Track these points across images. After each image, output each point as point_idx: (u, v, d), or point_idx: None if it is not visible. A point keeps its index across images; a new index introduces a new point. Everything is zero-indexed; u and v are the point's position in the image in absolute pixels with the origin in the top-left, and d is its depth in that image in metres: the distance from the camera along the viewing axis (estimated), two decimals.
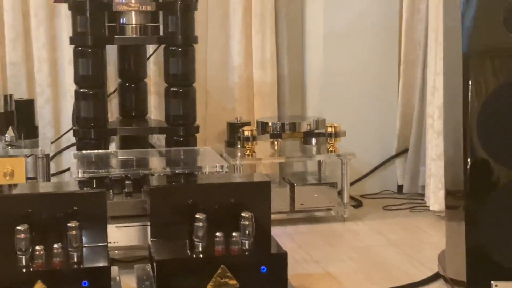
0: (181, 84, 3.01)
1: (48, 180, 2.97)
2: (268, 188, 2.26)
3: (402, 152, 3.62)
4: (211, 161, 2.65)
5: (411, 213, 3.30)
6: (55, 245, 1.95)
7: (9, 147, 2.90)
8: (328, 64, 3.55)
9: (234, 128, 3.24)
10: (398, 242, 2.86)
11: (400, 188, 3.64)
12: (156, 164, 2.78)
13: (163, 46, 3.06)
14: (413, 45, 3.55)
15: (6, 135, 2.91)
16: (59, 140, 3.46)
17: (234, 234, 2.07)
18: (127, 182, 2.60)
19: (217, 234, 2.06)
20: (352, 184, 3.41)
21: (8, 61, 3.39)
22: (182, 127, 3.02)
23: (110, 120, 3.13)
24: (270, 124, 3.21)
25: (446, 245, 2.30)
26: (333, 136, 3.18)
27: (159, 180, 2.44)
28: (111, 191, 2.59)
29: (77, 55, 2.92)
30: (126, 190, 2.59)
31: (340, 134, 3.20)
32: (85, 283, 1.90)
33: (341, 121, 3.26)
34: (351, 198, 3.36)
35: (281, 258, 2.07)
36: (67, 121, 3.45)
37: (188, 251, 2.09)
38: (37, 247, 1.92)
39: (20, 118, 3.04)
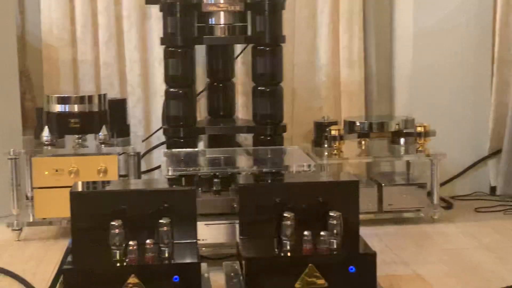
0: (268, 83, 3.02)
1: (139, 177, 3.04)
2: (357, 187, 2.23)
3: (496, 152, 3.52)
4: (298, 160, 2.65)
5: (505, 216, 3.20)
6: (147, 241, 1.99)
7: (102, 145, 2.99)
8: (417, 62, 3.48)
9: (321, 128, 3.23)
10: (491, 245, 2.77)
11: (493, 189, 3.54)
12: (244, 162, 2.80)
13: (250, 45, 3.09)
14: (507, 43, 3.44)
15: (100, 134, 3.00)
16: (149, 138, 3.55)
17: (322, 233, 2.06)
18: (215, 180, 2.63)
19: (305, 233, 2.05)
20: (442, 185, 3.34)
21: (102, 62, 3.50)
22: (269, 126, 3.03)
23: (198, 119, 3.18)
24: (357, 123, 3.17)
25: None
26: (423, 136, 3.12)
27: (247, 178, 2.46)
28: (199, 189, 2.63)
29: (167, 55, 2.98)
30: (214, 188, 2.62)
31: (430, 133, 3.13)
32: (176, 278, 1.94)
33: (431, 120, 3.19)
34: (441, 199, 3.28)
35: (370, 258, 2.04)
36: (157, 120, 3.53)
37: (276, 250, 2.09)
38: (131, 242, 1.97)
39: (113, 117, 3.12)
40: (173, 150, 2.90)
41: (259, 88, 3.03)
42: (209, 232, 2.52)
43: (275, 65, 3.00)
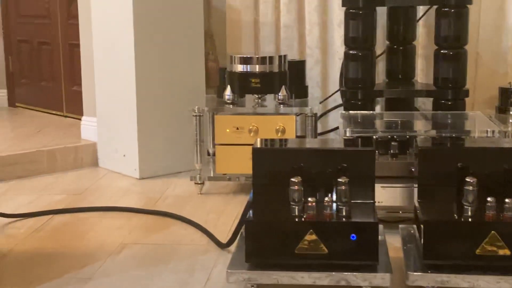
0: (452, 46, 2.92)
1: (315, 138, 3.07)
2: None
3: None
4: (480, 125, 2.56)
5: None
6: (326, 198, 2.01)
7: (281, 105, 3.06)
8: None
9: (506, 94, 3.07)
10: None
11: None
12: (422, 126, 2.74)
13: (434, 7, 2.99)
14: None
15: (279, 94, 3.06)
16: (325, 101, 3.57)
17: (507, 200, 1.97)
18: (392, 143, 2.60)
19: (489, 199, 1.98)
20: None
21: (282, 23, 3.56)
22: (450, 90, 2.94)
23: (376, 82, 3.15)
24: None
25: None
26: None
27: (427, 142, 2.41)
28: (376, 151, 2.61)
29: (348, 17, 2.97)
30: (391, 151, 2.60)
31: None
32: (353, 237, 1.95)
33: None
34: None
35: None
36: (333, 83, 3.54)
37: (457, 215, 2.04)
38: (309, 199, 2.00)
39: (292, 78, 3.17)
40: (350, 112, 2.90)
41: (442, 51, 2.94)
42: (385, 195, 2.51)
43: (460, 27, 2.88)
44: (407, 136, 2.57)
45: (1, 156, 3.37)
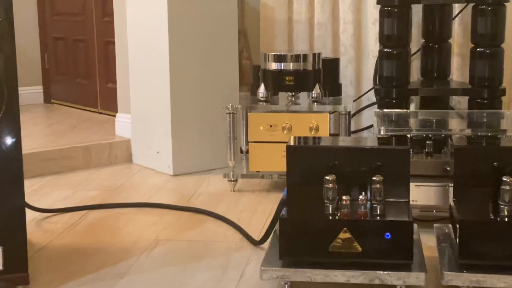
0: (488, 44, 2.88)
1: (349, 136, 3.06)
2: None
3: None
4: None
5: None
6: (360, 197, 2.01)
7: (315, 103, 3.06)
8: None
9: None
10: None
11: None
12: (458, 125, 2.72)
13: (470, 5, 2.96)
14: None
15: (313, 92, 3.06)
16: (358, 99, 3.56)
17: None
18: (427, 142, 2.59)
19: None
20: None
21: (316, 22, 3.56)
22: (486, 89, 2.90)
23: (411, 80, 3.13)
24: None
25: None
26: None
27: (463, 140, 2.39)
28: (411, 150, 2.60)
29: (383, 14, 2.95)
30: (426, 150, 2.58)
31: None
32: (387, 236, 1.94)
33: None
34: None
35: None
36: (367, 81, 3.53)
37: (492, 215, 2.02)
38: (344, 197, 2.00)
39: (326, 76, 3.16)
40: (385, 110, 2.88)
41: (478, 49, 2.90)
42: (420, 194, 2.49)
43: (497, 26, 2.84)
44: (442, 135, 2.55)
45: (37, 152, 3.43)
